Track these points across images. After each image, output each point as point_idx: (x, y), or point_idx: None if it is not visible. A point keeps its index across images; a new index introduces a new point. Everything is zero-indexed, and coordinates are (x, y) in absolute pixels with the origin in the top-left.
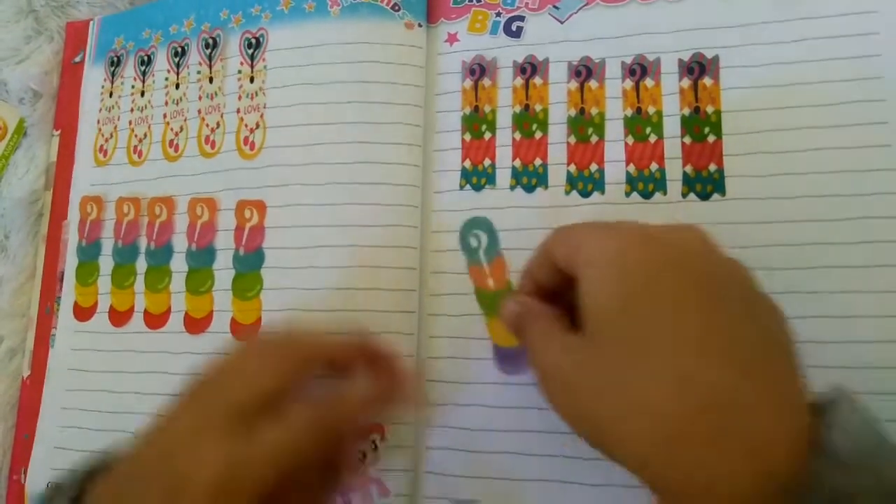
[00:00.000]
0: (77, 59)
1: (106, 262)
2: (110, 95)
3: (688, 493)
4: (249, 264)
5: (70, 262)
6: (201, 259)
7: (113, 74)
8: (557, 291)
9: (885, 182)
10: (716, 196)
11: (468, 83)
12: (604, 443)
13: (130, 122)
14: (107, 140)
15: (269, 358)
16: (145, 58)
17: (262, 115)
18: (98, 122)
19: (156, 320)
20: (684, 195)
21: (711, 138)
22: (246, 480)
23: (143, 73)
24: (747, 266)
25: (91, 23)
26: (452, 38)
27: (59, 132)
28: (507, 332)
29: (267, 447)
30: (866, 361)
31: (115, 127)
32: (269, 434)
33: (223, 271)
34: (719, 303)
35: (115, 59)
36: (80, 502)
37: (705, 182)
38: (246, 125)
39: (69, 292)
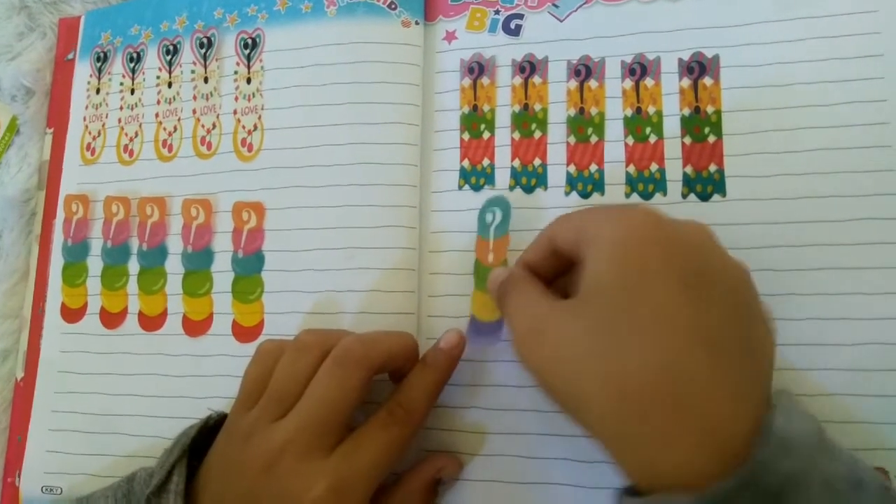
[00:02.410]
0: (69, 56)
1: (95, 263)
2: (97, 92)
3: (647, 466)
4: (249, 267)
5: (56, 263)
6: (198, 261)
7: (100, 71)
8: (548, 279)
9: (887, 183)
10: (716, 197)
11: (467, 82)
12: (578, 407)
13: (120, 120)
14: (94, 138)
15: (353, 377)
16: (134, 55)
17: (259, 117)
18: (85, 119)
19: (151, 322)
20: (684, 196)
21: (712, 138)
22: (348, 497)
23: (133, 71)
24: (748, 271)
25: (81, 18)
26: (451, 37)
27: (52, 130)
28: (489, 305)
29: (365, 466)
30: (867, 364)
31: (104, 125)
32: (363, 453)
33: (222, 274)
34: (709, 298)
35: (102, 54)
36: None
37: (706, 183)
38: (243, 126)
39: (56, 293)
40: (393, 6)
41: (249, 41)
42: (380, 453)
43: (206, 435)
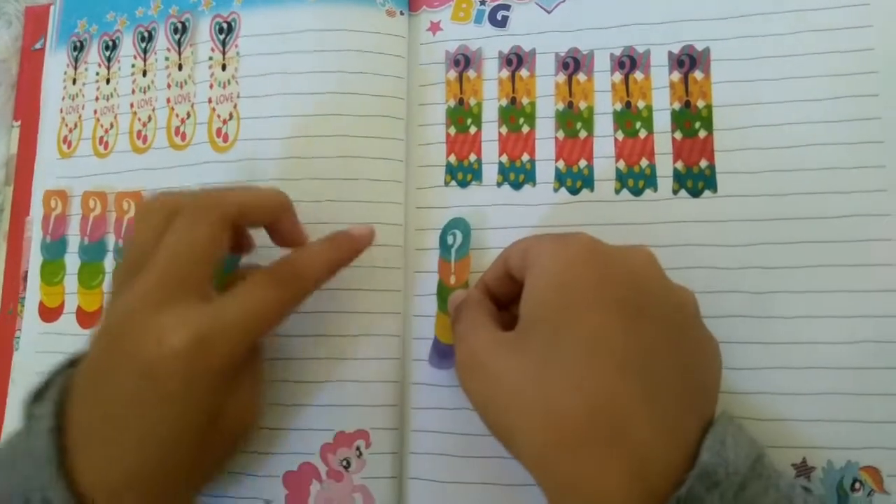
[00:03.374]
0: (37, 45)
1: (72, 261)
2: (73, 83)
3: (570, 497)
4: (225, 264)
5: (34, 261)
6: None
7: (76, 60)
8: (506, 303)
9: (878, 179)
10: (707, 193)
11: (452, 74)
12: (509, 440)
13: (96, 112)
14: (71, 130)
15: (202, 226)
16: (110, 42)
17: (235, 106)
18: (61, 111)
19: None
20: (675, 192)
21: (702, 133)
22: (215, 352)
23: (108, 59)
24: (693, 296)
25: (52, 6)
26: (435, 27)
27: (19, 123)
28: (450, 327)
29: (232, 320)
30: (859, 362)
31: (80, 116)
32: (234, 304)
33: None
34: (647, 326)
35: (78, 43)
36: (61, 407)
37: (696, 178)
38: (218, 116)
39: (34, 292)
40: None
41: (224, 25)
42: (258, 309)
43: None
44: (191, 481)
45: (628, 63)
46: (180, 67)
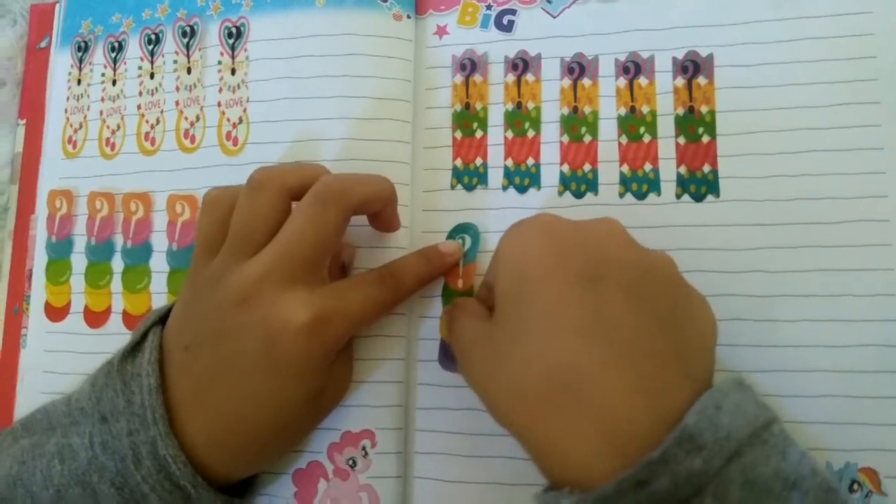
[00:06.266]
0: (42, 44)
1: (79, 260)
2: (78, 83)
3: (549, 465)
4: None
5: (39, 260)
6: (183, 259)
7: (81, 61)
8: None
9: (878, 185)
10: (710, 197)
11: (459, 79)
12: (494, 412)
13: (101, 113)
14: (76, 131)
15: (332, 213)
16: (116, 44)
17: (245, 110)
18: (66, 111)
19: (135, 322)
20: (678, 196)
21: (706, 139)
22: (330, 333)
23: (114, 61)
24: (669, 261)
25: (57, 5)
26: (442, 31)
27: (24, 121)
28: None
29: (352, 308)
30: (860, 366)
31: (85, 117)
32: (348, 294)
33: None
34: (605, 292)
35: (83, 44)
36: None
37: (699, 183)
38: (228, 119)
39: (39, 291)
40: None
41: (234, 30)
42: (367, 303)
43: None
44: (276, 444)
45: (633, 68)
46: (189, 71)
